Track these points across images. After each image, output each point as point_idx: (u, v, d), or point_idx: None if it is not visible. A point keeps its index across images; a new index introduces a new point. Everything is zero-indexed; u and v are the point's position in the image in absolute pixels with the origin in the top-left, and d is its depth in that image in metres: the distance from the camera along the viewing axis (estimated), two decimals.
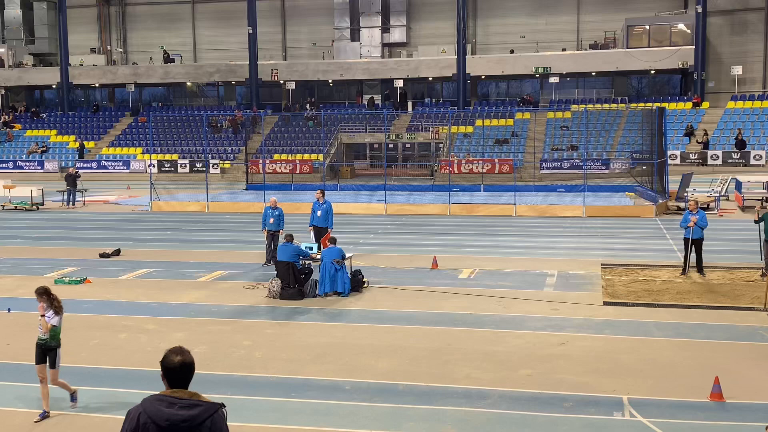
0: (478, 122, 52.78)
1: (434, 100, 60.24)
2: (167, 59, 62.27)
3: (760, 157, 44.03)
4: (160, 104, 65.06)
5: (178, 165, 53.05)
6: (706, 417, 9.33)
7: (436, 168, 48.10)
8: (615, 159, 46.06)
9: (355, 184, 44.23)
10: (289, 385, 10.56)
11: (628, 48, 53.30)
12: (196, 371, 4.61)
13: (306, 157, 51.70)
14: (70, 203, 34.76)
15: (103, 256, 21.02)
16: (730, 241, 22.59)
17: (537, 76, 55.93)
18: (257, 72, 58.24)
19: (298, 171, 48.65)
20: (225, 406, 4.57)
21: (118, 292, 16.79)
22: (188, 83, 63.17)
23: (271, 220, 19.43)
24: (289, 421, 9.33)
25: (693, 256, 17.70)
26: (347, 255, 16.77)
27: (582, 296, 15.76)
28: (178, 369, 4.52)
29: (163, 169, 52.16)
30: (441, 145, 51.98)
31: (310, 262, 16.76)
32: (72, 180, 34.98)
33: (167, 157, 54.10)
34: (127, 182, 47.48)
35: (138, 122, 59.86)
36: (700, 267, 17.68)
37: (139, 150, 55.58)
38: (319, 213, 19.92)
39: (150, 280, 18.01)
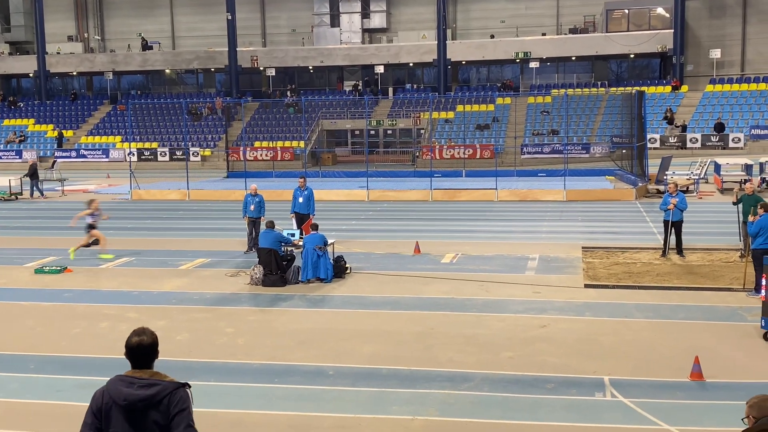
0: (459, 108, 52.79)
1: (415, 86, 60.14)
2: (145, 46, 61.72)
3: (739, 140, 44.39)
4: (139, 92, 64.54)
5: (158, 153, 52.69)
6: (686, 396, 9.43)
7: (417, 154, 48.11)
8: (595, 143, 46.28)
9: (336, 170, 44.20)
10: (272, 372, 10.56)
11: (607, 32, 53.45)
12: (179, 358, 4.62)
13: (287, 144, 51.53)
14: (34, 194, 34.02)
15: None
16: (709, 223, 22.79)
17: (517, 61, 55.97)
18: (236, 59, 57.86)
19: (279, 158, 48.52)
20: (189, 386, 4.62)
21: (98, 281, 16.69)
22: (167, 71, 62.65)
23: (252, 207, 19.37)
24: (273, 407, 9.33)
25: (673, 239, 17.84)
26: (329, 241, 16.77)
27: (563, 279, 15.85)
28: (135, 349, 4.64)
29: (143, 157, 51.80)
30: (422, 131, 51.99)
31: (293, 248, 16.73)
32: (33, 171, 34.22)
33: (147, 145, 53.72)
34: (106, 171, 47.13)
35: (117, 110, 59.34)
36: (679, 249, 17.83)
37: (119, 138, 55.14)
38: (300, 199, 19.90)
39: (131, 269, 17.91)
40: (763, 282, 11.53)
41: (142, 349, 4.64)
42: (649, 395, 9.43)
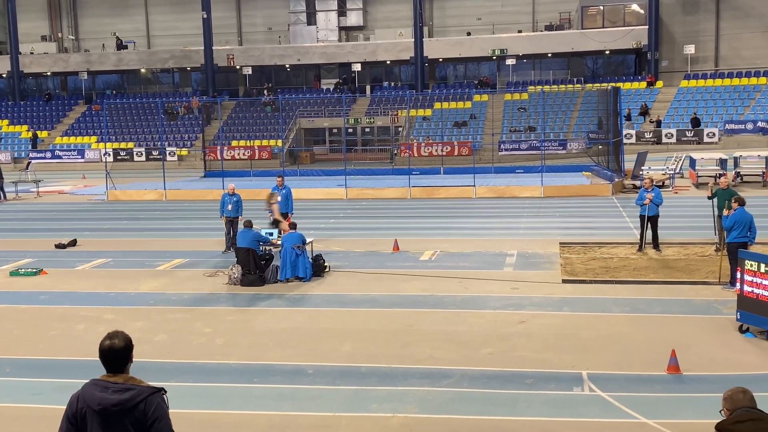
0: (437, 105, 52.89)
1: (393, 84, 60.15)
2: (120, 46, 61.20)
3: (713, 134, 44.84)
4: (114, 92, 63.97)
5: (134, 153, 52.27)
6: (663, 390, 9.52)
7: (395, 152, 48.13)
8: (572, 139, 46.54)
9: (314, 169, 44.11)
10: (251, 371, 10.52)
11: (582, 29, 53.74)
12: (156, 359, 4.59)
13: (264, 143, 51.34)
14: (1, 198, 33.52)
15: (59, 246, 20.66)
16: (685, 217, 23.01)
17: (494, 58, 56.13)
18: (213, 57, 57.55)
19: (256, 157, 48.33)
20: (165, 392, 4.57)
21: (75, 282, 16.53)
22: (142, 70, 62.16)
23: (230, 207, 19.28)
24: (251, 407, 9.29)
25: (649, 233, 17.99)
26: (308, 240, 16.73)
27: (541, 275, 15.93)
28: (106, 352, 4.59)
29: (119, 157, 51.37)
30: (400, 129, 52.00)
31: (271, 247, 16.68)
32: None
33: (123, 145, 53.28)
34: (82, 172, 46.69)
35: (92, 110, 58.79)
36: (655, 243, 17.98)
37: (94, 139, 54.64)
38: (279, 198, 19.82)
39: (108, 270, 17.77)
40: (738, 275, 11.66)
41: (114, 353, 4.58)
42: (627, 389, 9.50)
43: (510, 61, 54.37)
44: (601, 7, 54.13)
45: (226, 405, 9.39)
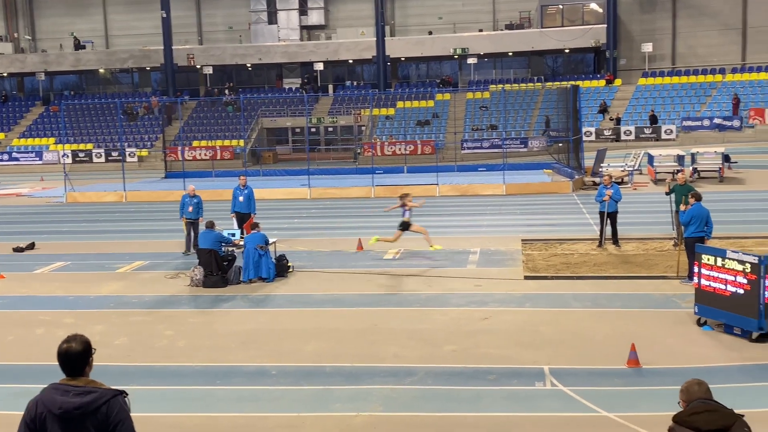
0: (400, 104, 52.99)
1: (355, 83, 60.10)
2: (78, 46, 60.28)
3: (671, 131, 45.55)
4: (73, 92, 62.96)
5: (93, 154, 51.53)
6: (623, 383, 9.66)
7: (359, 151, 48.10)
8: (533, 137, 46.94)
9: (277, 169, 43.94)
10: (213, 373, 10.44)
11: (542, 28, 54.22)
12: (117, 363, 4.55)
13: (226, 143, 50.98)
14: None
15: (17, 250, 20.31)
16: (644, 213, 23.34)
17: (456, 57, 56.38)
18: (172, 57, 56.94)
19: (218, 157, 47.94)
20: (127, 394, 4.54)
21: (33, 286, 16.26)
22: (101, 70, 61.32)
23: (190, 209, 19.09)
24: (214, 409, 9.23)
25: (608, 229, 18.23)
26: (271, 240, 16.65)
27: (504, 272, 16.06)
28: (64, 356, 4.55)
29: (78, 159, 50.61)
30: (363, 128, 52.00)
31: (233, 248, 16.57)
32: None
33: (81, 146, 52.52)
34: (40, 174, 45.96)
35: (49, 111, 57.87)
36: (615, 239, 18.23)
37: (52, 140, 53.78)
38: (241, 198, 19.71)
39: (67, 273, 17.50)
40: (696, 269, 11.87)
41: (71, 356, 4.53)
42: (588, 383, 9.63)
43: (471, 60, 54.67)
44: (560, 6, 54.66)
45: (188, 408, 9.31)
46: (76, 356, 4.53)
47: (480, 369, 10.23)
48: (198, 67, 58.15)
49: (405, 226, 18.20)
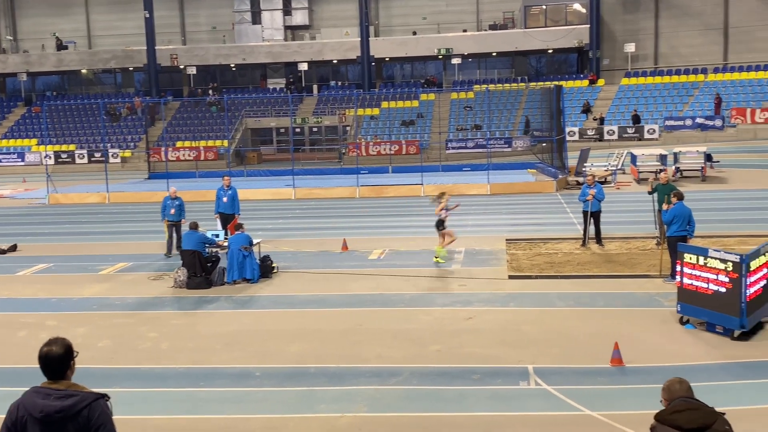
0: (384, 104, 52.99)
1: (340, 83, 60.04)
2: (60, 46, 59.84)
3: (654, 131, 45.81)
4: (55, 93, 62.50)
5: (76, 156, 51.16)
6: (607, 382, 9.70)
7: (343, 151, 48.07)
8: (517, 137, 47.08)
9: (262, 169, 43.81)
10: (197, 375, 10.40)
11: (526, 28, 54.42)
12: (101, 365, 4.52)
13: (210, 143, 50.78)
14: None
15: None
16: (627, 212, 23.46)
17: (440, 57, 56.47)
18: (156, 57, 56.64)
19: (202, 158, 47.75)
20: (108, 397, 4.52)
21: (15, 288, 16.13)
22: (83, 71, 60.91)
23: (172, 211, 19.00)
24: (198, 411, 9.19)
25: (592, 228, 18.31)
26: (255, 241, 16.60)
27: (488, 271, 16.09)
28: (44, 359, 4.54)
29: (60, 160, 50.25)
30: (348, 128, 51.96)
31: (217, 249, 16.51)
32: None
33: (64, 147, 52.13)
34: (22, 175, 45.62)
35: (32, 112, 57.42)
36: (598, 238, 18.31)
37: (34, 141, 53.36)
38: (225, 199, 19.65)
39: (49, 275, 17.37)
40: (678, 268, 11.94)
41: (51, 360, 4.51)
42: (572, 382, 9.66)
43: (456, 61, 54.78)
44: (544, 7, 54.88)
45: (172, 410, 9.27)
46: (57, 359, 4.51)
47: (465, 369, 10.24)
48: (181, 67, 57.90)
49: (440, 224, 17.57)
